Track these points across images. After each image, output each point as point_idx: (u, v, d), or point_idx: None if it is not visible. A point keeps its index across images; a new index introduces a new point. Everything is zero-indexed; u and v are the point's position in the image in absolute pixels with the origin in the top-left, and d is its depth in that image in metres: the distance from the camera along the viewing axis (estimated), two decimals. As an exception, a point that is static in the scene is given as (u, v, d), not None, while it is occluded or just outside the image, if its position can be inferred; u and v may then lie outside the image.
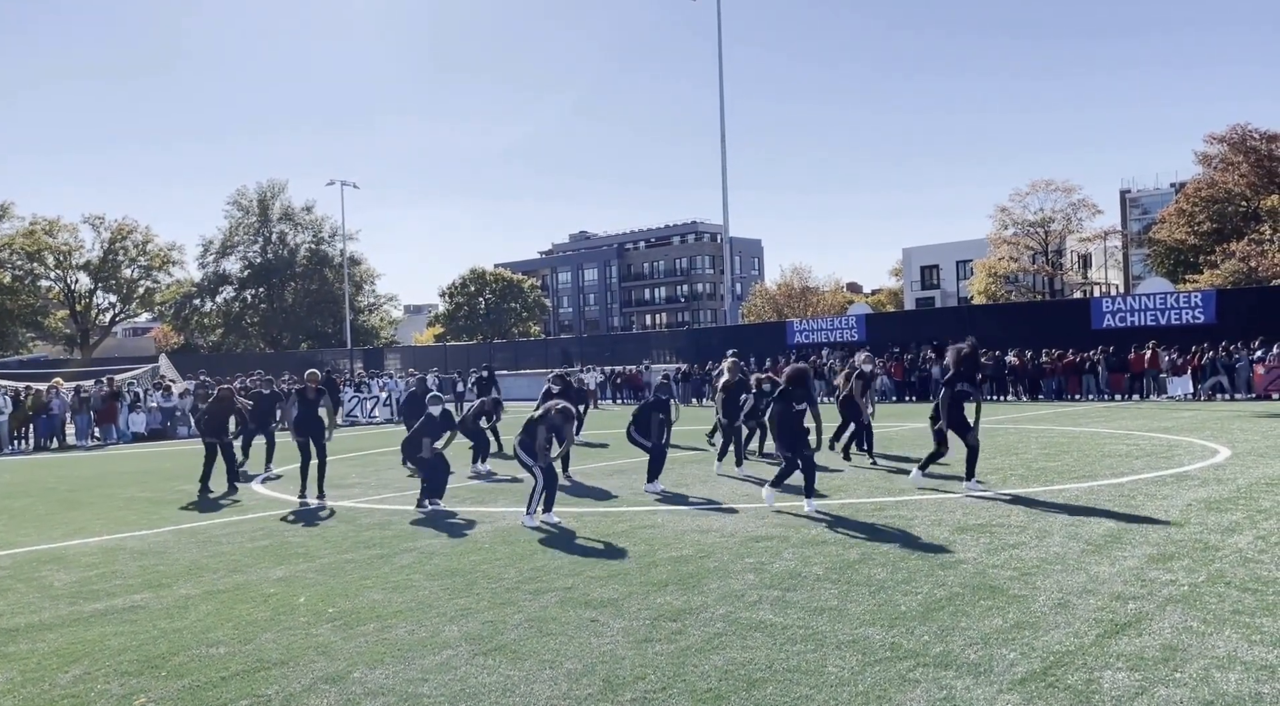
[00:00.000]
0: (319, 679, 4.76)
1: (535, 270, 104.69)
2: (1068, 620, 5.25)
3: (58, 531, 10.00)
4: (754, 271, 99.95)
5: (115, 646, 5.48)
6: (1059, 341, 29.52)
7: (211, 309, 69.40)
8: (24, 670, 5.10)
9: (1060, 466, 11.85)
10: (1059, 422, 19.02)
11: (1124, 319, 30.73)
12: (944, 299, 69.54)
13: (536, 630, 5.46)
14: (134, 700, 4.56)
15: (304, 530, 9.37)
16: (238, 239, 68.39)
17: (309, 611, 6.12)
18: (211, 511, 11.00)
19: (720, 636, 5.18)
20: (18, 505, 12.42)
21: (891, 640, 5.00)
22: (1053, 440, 15.30)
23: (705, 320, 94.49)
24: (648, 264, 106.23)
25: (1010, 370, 29.28)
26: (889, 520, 8.50)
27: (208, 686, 4.71)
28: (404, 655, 5.09)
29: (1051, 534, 7.60)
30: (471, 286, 77.96)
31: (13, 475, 17.03)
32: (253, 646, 5.37)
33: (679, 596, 6.09)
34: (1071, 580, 6.11)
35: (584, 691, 4.43)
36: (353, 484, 13.12)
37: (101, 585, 7.18)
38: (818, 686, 4.37)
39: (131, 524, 10.25)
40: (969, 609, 5.54)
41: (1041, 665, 4.55)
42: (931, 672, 4.49)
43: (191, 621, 5.98)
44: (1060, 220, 55.29)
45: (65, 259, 63.69)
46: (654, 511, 9.58)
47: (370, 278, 71.78)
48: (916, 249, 73.54)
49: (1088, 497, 9.35)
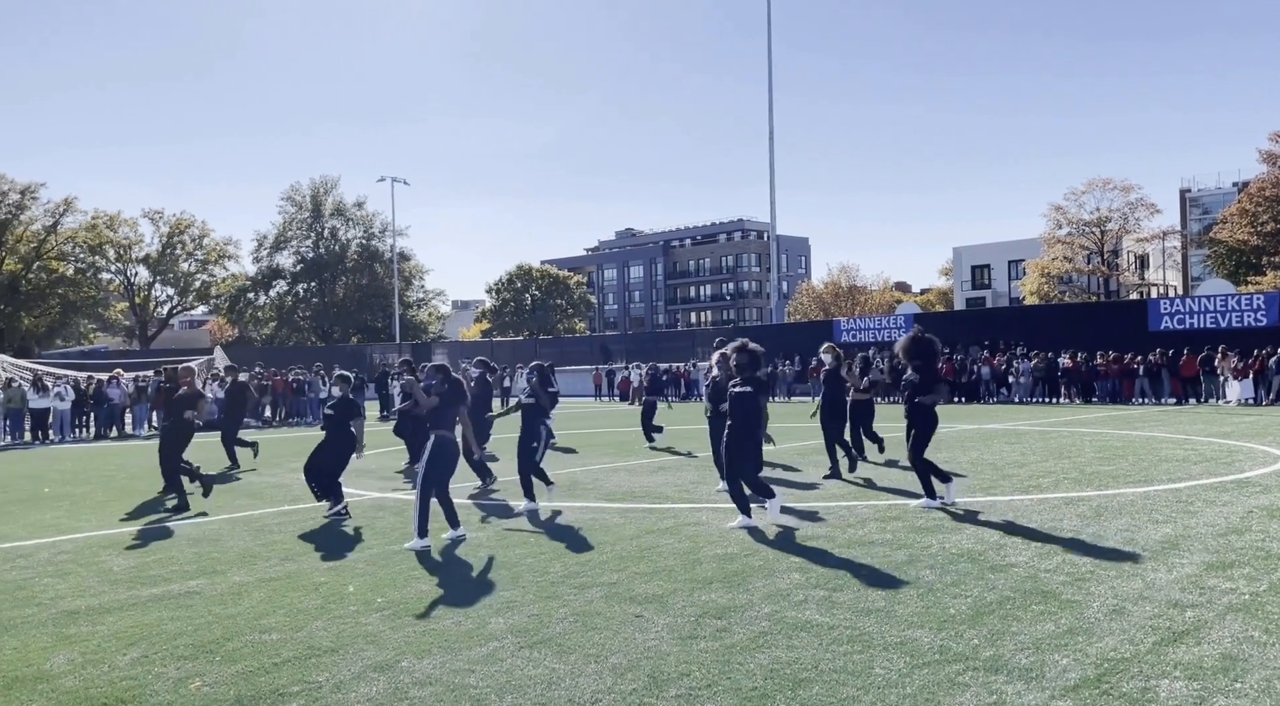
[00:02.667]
0: (368, 667, 4.82)
1: (581, 267, 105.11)
2: (1123, 627, 5.14)
3: (116, 517, 10.27)
4: (801, 270, 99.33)
5: (171, 630, 5.61)
6: (1114, 343, 28.90)
7: (265, 302, 70.71)
8: (84, 652, 5.25)
9: (1115, 471, 11.60)
10: (1114, 426, 18.62)
11: (1182, 321, 29.99)
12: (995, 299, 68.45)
13: (581, 624, 5.48)
14: (190, 683, 4.66)
15: (353, 520, 9.50)
16: (291, 234, 69.59)
17: (358, 600, 6.21)
18: (265, 500, 11.22)
19: (765, 635, 5.16)
20: (78, 492, 12.79)
21: (940, 643, 4.93)
22: (1107, 444, 14.98)
23: (750, 318, 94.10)
24: (693, 261, 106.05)
25: (1063, 372, 28.73)
26: (938, 522, 8.39)
27: (260, 672, 4.80)
28: (451, 646, 5.15)
29: (1106, 539, 7.44)
30: (518, 283, 78.58)
31: (74, 462, 17.54)
32: (304, 633, 5.46)
33: (724, 594, 6.07)
34: (1127, 586, 5.98)
35: (629, 686, 4.44)
36: (400, 475, 13.29)
37: (158, 571, 7.36)
38: (865, 687, 4.33)
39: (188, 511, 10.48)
40: (1020, 613, 5.44)
41: (1095, 672, 4.45)
42: (981, 677, 4.42)
43: (244, 608, 6.11)
44: (1117, 220, 54.09)
45: (125, 252, 65.35)
46: (698, 509, 9.56)
47: (419, 273, 72.64)
48: (967, 248, 72.48)
49: (1144, 503, 9.14)
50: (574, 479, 12.42)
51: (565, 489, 11.41)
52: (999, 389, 30.16)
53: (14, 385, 24.78)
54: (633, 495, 10.73)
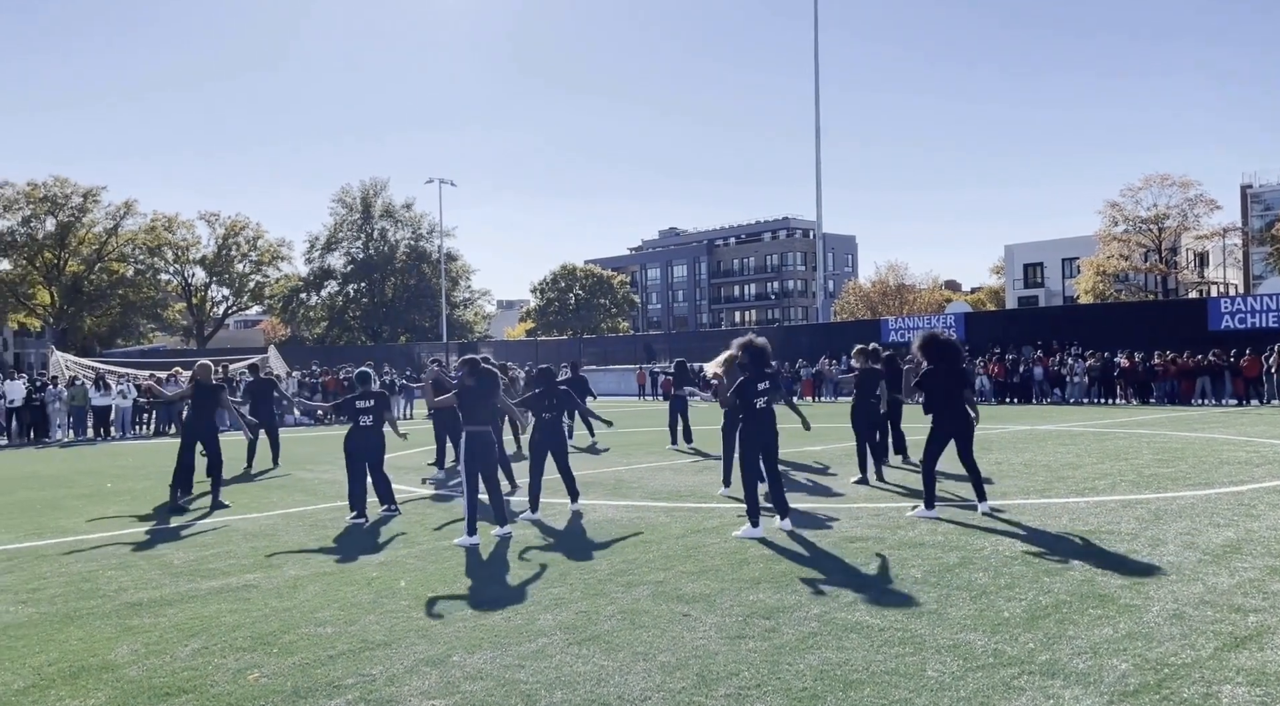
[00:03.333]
0: (420, 661, 4.89)
1: (625, 266, 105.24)
2: (1183, 632, 5.02)
3: (176, 512, 10.52)
4: (847, 268, 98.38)
5: (230, 623, 5.74)
6: (1173, 343, 28.21)
7: (316, 302, 71.96)
8: (147, 642, 5.39)
9: (1174, 473, 11.33)
10: (1172, 428, 18.17)
11: (1243, 320, 29.18)
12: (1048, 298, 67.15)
13: (629, 622, 5.49)
14: (248, 675, 4.77)
15: (404, 516, 9.63)
16: (341, 235, 70.73)
17: (410, 595, 6.29)
18: (319, 496, 11.42)
19: (815, 636, 5.13)
20: (139, 487, 13.13)
21: (994, 646, 4.86)
22: (1166, 445, 14.63)
23: (796, 317, 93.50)
24: (737, 260, 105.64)
25: (1119, 373, 28.11)
26: (990, 524, 8.26)
27: (316, 664, 4.89)
28: (501, 641, 5.20)
29: (1165, 542, 7.27)
30: (562, 282, 78.99)
31: (134, 458, 18.01)
32: (357, 627, 5.56)
33: (772, 594, 6.04)
34: (1187, 590, 5.84)
35: (678, 685, 4.44)
36: (450, 473, 13.43)
37: (217, 564, 7.53)
38: (917, 690, 4.28)
39: (244, 507, 10.72)
40: (1076, 617, 5.34)
41: (1155, 677, 4.36)
42: (1037, 681, 4.35)
43: (300, 601, 6.22)
44: (1176, 216, 52.71)
45: (183, 254, 66.99)
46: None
47: (465, 273, 73.39)
48: (1020, 246, 71.21)
49: (1204, 506, 8.91)
50: (619, 478, 12.45)
51: (610, 488, 11.45)
52: (1053, 390, 29.60)
53: (77, 383, 25.51)
54: (678, 494, 10.72)
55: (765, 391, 8.20)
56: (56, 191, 60.15)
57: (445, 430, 13.98)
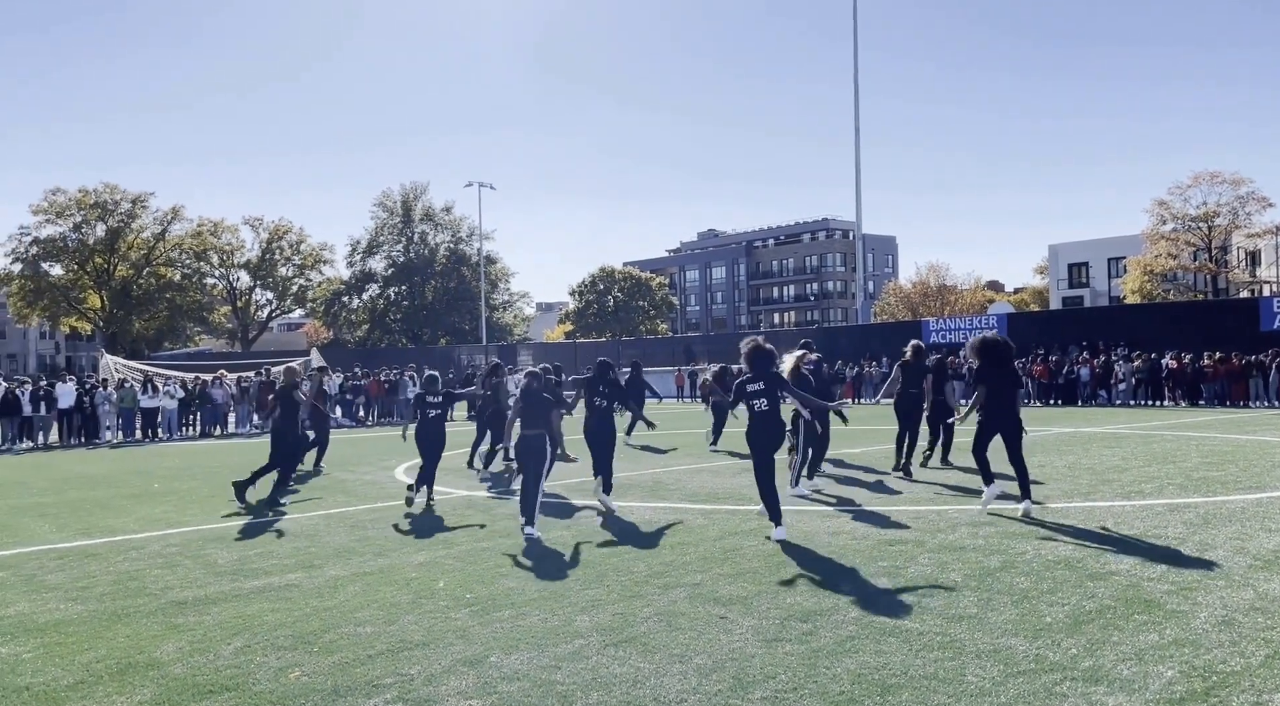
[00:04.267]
0: (458, 661, 4.93)
1: (663, 268, 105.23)
2: (1232, 639, 4.90)
3: (221, 512, 10.72)
4: (887, 269, 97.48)
5: (272, 622, 5.83)
6: (1223, 343, 27.54)
7: (358, 305, 72.82)
8: (191, 640, 5.49)
9: (1224, 476, 11.06)
10: (1222, 430, 17.75)
11: (1297, 319, 28.41)
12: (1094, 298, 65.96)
13: (666, 624, 5.49)
14: (290, 673, 4.83)
15: (443, 518, 9.72)
16: (382, 239, 71.50)
17: (448, 596, 6.34)
18: (360, 498, 11.56)
19: (852, 639, 5.08)
20: (185, 487, 13.38)
21: (1036, 652, 4.78)
22: (1215, 448, 14.30)
23: (835, 319, 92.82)
24: (776, 262, 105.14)
25: (1167, 374, 27.52)
26: (1032, 528, 8.13)
27: (355, 663, 4.94)
28: (538, 642, 5.22)
29: (1214, 547, 7.10)
30: (601, 284, 79.19)
31: (180, 459, 18.36)
32: (396, 627, 5.61)
33: (809, 597, 6.00)
34: (1237, 597, 5.70)
35: (714, 687, 4.42)
36: (489, 475, 13.52)
37: (260, 564, 7.65)
38: (956, 695, 4.22)
39: (286, 507, 10.87)
40: (1121, 623, 5.24)
41: (1203, 685, 4.26)
42: (1080, 687, 4.27)
43: (340, 601, 6.30)
44: (1226, 215, 51.45)
45: (228, 258, 68.13)
46: (783, 511, 9.46)
47: (504, 276, 73.82)
48: (1064, 245, 70.05)
49: (1255, 510, 8.69)
50: (657, 479, 12.45)
51: (648, 489, 11.44)
52: (1098, 391, 29.06)
53: (126, 385, 26.08)
54: (716, 496, 10.69)
55: (758, 393, 8.15)
56: (107, 198, 61.51)
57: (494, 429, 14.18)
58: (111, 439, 24.79)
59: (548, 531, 8.67)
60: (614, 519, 9.32)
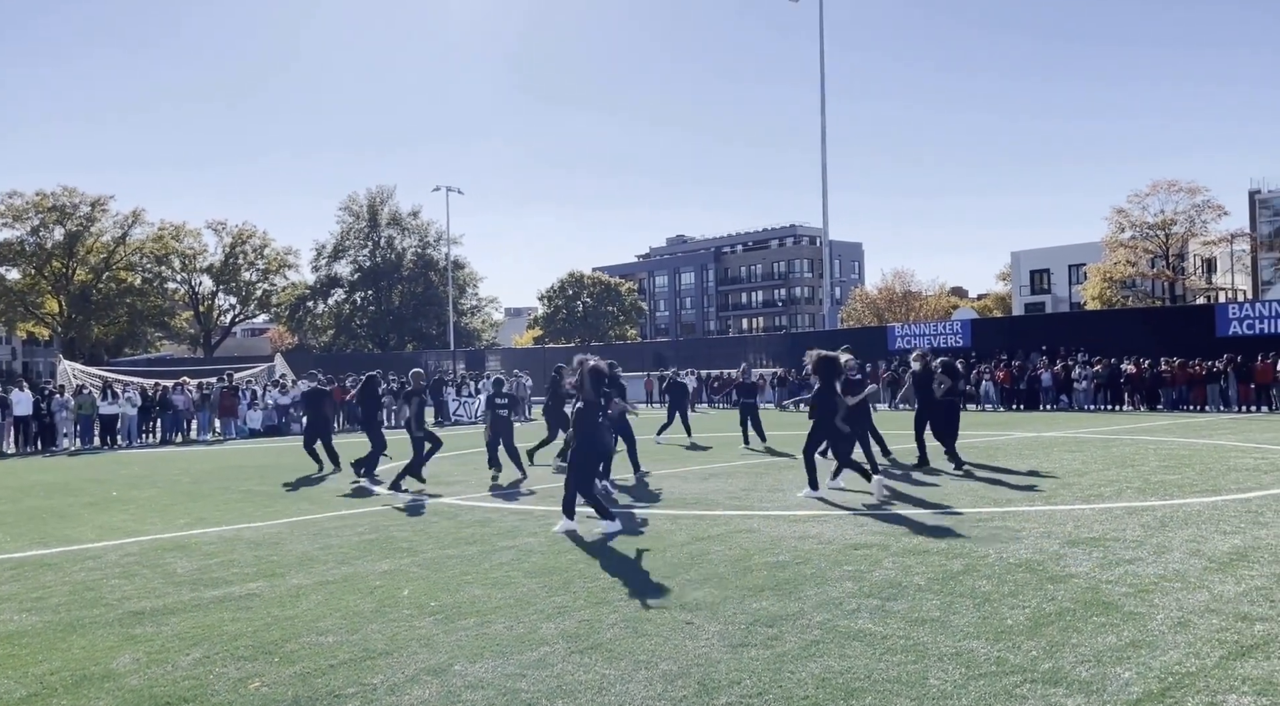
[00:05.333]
0: (422, 670, 4.88)
1: (632, 274, 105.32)
2: (1188, 640, 4.98)
3: (180, 521, 10.55)
4: (854, 275, 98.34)
5: (232, 631, 5.74)
6: (1180, 349, 28.11)
7: (323, 310, 72.11)
8: (149, 651, 5.40)
9: (1181, 480, 11.27)
10: (1179, 434, 18.09)
11: (1252, 326, 29.06)
12: (1055, 304, 67.03)
13: (632, 630, 5.48)
14: (249, 683, 4.77)
15: (408, 525, 9.64)
16: (348, 243, 70.89)
17: (412, 604, 6.29)
18: (323, 505, 11.44)
19: (817, 644, 5.11)
20: (144, 495, 13.16)
21: (997, 654, 4.83)
22: (1172, 452, 14.56)
23: (803, 324, 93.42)
24: (745, 267, 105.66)
25: (1126, 379, 28.01)
26: (995, 531, 8.23)
27: (317, 673, 4.88)
28: (503, 650, 5.19)
29: (1171, 549, 7.23)
30: (570, 290, 79.14)
31: (140, 467, 18.05)
32: (359, 636, 5.55)
33: (775, 602, 6.03)
34: (1192, 598, 5.80)
35: (679, 693, 4.43)
36: (455, 481, 13.44)
37: (220, 573, 7.53)
38: (919, 699, 4.26)
39: (249, 515, 10.74)
40: (1080, 625, 5.31)
41: (1159, 686, 4.33)
42: (1040, 689, 4.33)
43: (303, 610, 6.22)
44: (1183, 223, 52.52)
45: (190, 262, 67.18)
46: (749, 516, 9.51)
47: (473, 281, 73.49)
48: (1026, 252, 71.13)
49: (1210, 513, 8.86)
50: (624, 485, 12.43)
51: (616, 495, 11.42)
52: (1059, 396, 29.49)
53: (85, 392, 25.60)
54: (683, 502, 10.71)
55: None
56: (65, 201, 60.43)
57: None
58: (69, 446, 24.33)
59: (514, 538, 8.63)
60: (582, 525, 9.29)
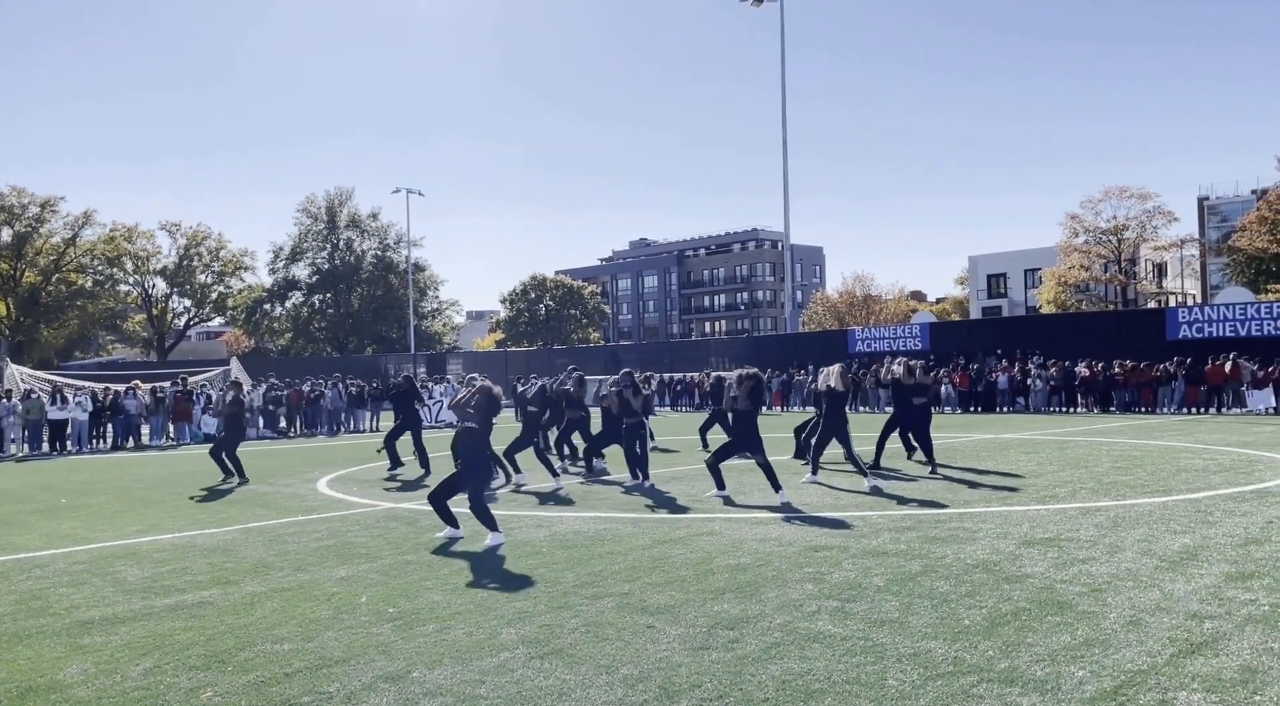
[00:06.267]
0: (379, 677, 4.82)
1: (595, 277, 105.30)
2: (1140, 638, 5.07)
3: (132, 528, 10.32)
4: (815, 279, 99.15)
5: (184, 641, 5.62)
6: (1132, 352, 28.70)
7: (281, 313, 71.12)
8: (97, 662, 5.26)
9: (1133, 481, 11.49)
10: (1132, 436, 18.46)
11: (1201, 330, 29.74)
12: (1011, 308, 68.09)
13: (593, 635, 5.46)
14: (201, 694, 4.67)
15: (366, 531, 9.52)
16: (306, 245, 69.98)
17: (370, 611, 6.21)
18: (280, 511, 11.26)
19: (778, 646, 5.12)
20: (95, 502, 12.86)
21: (955, 654, 4.88)
22: (1125, 453, 14.85)
23: (765, 328, 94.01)
24: (708, 271, 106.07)
25: (1080, 381, 28.52)
26: (953, 532, 8.32)
27: (272, 682, 4.80)
28: (462, 656, 5.13)
29: (1123, 549, 7.36)
30: (532, 293, 78.85)
31: (90, 473, 17.65)
32: (315, 644, 5.46)
33: (736, 604, 6.04)
34: (1144, 597, 5.91)
35: (639, 697, 4.41)
36: (414, 486, 13.30)
37: (172, 581, 7.38)
38: (877, 700, 4.29)
39: (202, 522, 10.53)
40: (1035, 624, 5.39)
41: (1112, 684, 4.40)
42: (996, 689, 4.37)
43: (257, 618, 6.11)
44: (1134, 228, 53.73)
45: (143, 264, 65.91)
46: (711, 519, 9.53)
47: (434, 284, 72.90)
48: (983, 257, 72.19)
49: (1161, 513, 9.04)
50: (586, 489, 12.40)
51: (577, 499, 11.39)
52: (1015, 398, 29.96)
53: (33, 396, 24.99)
54: (645, 505, 10.70)
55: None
56: (13, 201, 59.02)
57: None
58: (16, 452, 23.71)
59: (475, 543, 8.55)
60: (543, 529, 9.25)
